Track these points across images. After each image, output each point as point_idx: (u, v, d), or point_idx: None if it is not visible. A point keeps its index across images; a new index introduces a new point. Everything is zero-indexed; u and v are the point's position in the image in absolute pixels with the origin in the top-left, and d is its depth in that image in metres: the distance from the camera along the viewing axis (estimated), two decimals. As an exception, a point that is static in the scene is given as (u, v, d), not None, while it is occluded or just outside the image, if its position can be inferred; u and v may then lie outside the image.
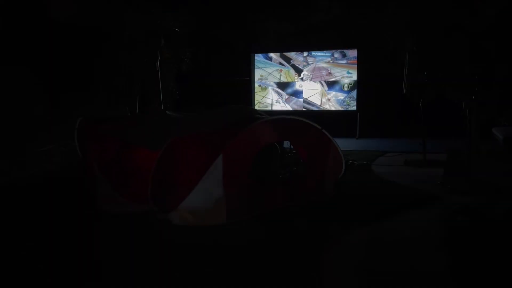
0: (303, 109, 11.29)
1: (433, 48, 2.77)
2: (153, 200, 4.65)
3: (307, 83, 11.31)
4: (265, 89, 11.78)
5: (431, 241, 3.80)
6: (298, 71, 11.41)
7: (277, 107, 11.62)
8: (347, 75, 10.93)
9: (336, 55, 11.11)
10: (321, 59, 11.21)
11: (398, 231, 4.14)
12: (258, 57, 11.97)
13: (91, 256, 3.67)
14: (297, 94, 11.43)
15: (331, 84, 11.10)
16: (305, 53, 11.48)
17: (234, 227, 4.28)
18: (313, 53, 11.44)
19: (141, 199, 4.78)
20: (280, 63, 11.66)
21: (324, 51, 11.38)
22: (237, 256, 3.60)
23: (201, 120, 4.96)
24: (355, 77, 10.86)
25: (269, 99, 11.73)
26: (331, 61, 11.11)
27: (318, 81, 11.20)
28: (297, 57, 11.50)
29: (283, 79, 11.58)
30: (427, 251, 3.64)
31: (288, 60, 11.61)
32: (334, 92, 11.07)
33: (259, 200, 4.63)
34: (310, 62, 11.31)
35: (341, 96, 11.00)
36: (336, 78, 11.03)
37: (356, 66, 10.85)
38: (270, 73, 11.74)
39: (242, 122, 4.77)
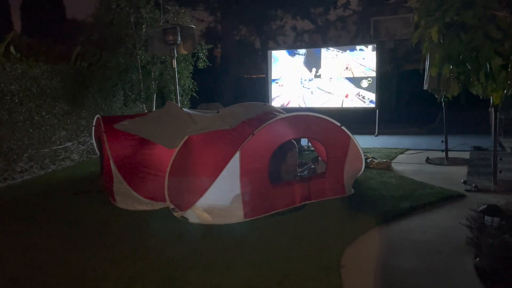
0: (321, 106, 11.12)
1: (459, 39, 2.65)
2: (169, 198, 4.62)
3: (325, 80, 11.14)
4: (282, 85, 11.65)
5: (456, 242, 3.64)
6: (316, 67, 11.24)
7: (294, 103, 11.48)
8: (366, 71, 10.72)
9: (355, 50, 10.89)
10: (340, 55, 11.01)
11: (420, 232, 3.99)
12: (276, 53, 11.80)
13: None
14: (315, 90, 11.27)
15: (349, 81, 10.90)
16: (323, 49, 11.29)
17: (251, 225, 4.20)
18: (331, 49, 11.25)
19: (157, 196, 4.76)
20: (297, 59, 11.50)
21: (342, 46, 11.18)
22: (252, 253, 3.52)
23: (217, 118, 4.87)
24: (374, 73, 10.63)
25: (286, 95, 11.60)
26: (350, 57, 10.90)
27: (337, 78, 11.02)
28: (315, 53, 11.33)
29: (301, 75, 11.42)
30: (452, 252, 3.50)
31: (306, 56, 11.45)
32: (352, 89, 10.87)
33: (277, 198, 4.53)
34: (328, 58, 11.12)
35: (360, 92, 10.79)
36: (355, 74, 10.83)
37: (375, 61, 10.62)
38: (287, 69, 11.58)
39: (259, 120, 4.67)
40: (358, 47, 10.93)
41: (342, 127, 5.03)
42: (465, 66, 2.80)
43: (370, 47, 10.75)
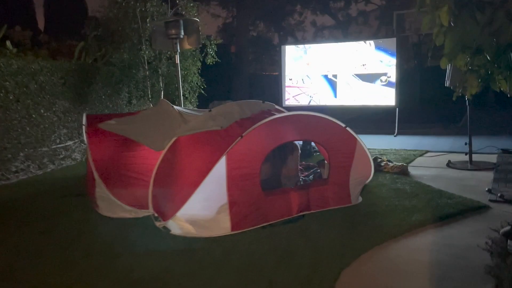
0: (336, 104, 10.53)
1: (475, 21, 2.13)
2: (153, 206, 4.21)
3: (341, 76, 10.53)
4: (296, 82, 11.10)
5: (474, 267, 3.08)
6: (333, 63, 10.64)
7: (306, 100, 10.91)
8: (385, 67, 10.06)
9: (374, 45, 10.24)
10: (357, 50, 10.38)
11: (433, 252, 3.44)
12: (290, 49, 11.25)
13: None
14: (330, 87, 10.67)
15: (367, 77, 10.26)
16: (339, 43, 10.69)
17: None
18: (348, 43, 10.63)
19: (142, 203, 4.36)
20: (313, 54, 10.92)
21: (360, 41, 10.54)
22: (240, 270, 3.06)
23: (208, 117, 4.42)
24: (394, 69, 9.96)
25: (300, 93, 11.05)
26: (368, 52, 10.26)
27: (353, 74, 10.40)
28: (330, 48, 10.73)
29: (315, 72, 10.84)
30: (468, 280, 2.94)
31: (322, 51, 10.86)
32: (370, 86, 10.23)
33: (270, 208, 4.05)
34: (346, 54, 10.50)
35: (379, 89, 10.15)
36: (373, 70, 10.18)
37: (395, 57, 9.94)
38: (301, 65, 11.02)
39: (253, 120, 4.19)
40: (377, 41, 10.28)
41: (347, 128, 4.49)
42: (483, 55, 2.26)
43: (390, 40, 10.07)
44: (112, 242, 3.78)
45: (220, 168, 3.76)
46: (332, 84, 10.64)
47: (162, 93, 9.24)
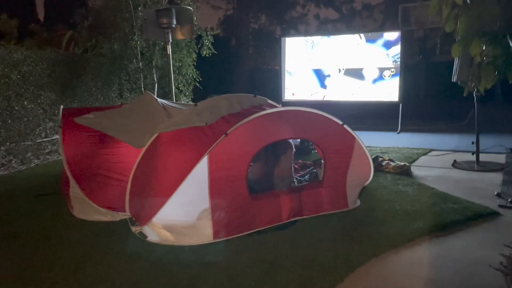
0: (338, 100, 10.10)
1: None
2: (130, 209, 3.84)
3: (343, 71, 10.10)
4: (295, 75, 10.67)
5: (488, 280, 2.71)
6: (335, 57, 10.20)
7: (306, 95, 10.49)
8: (389, 61, 9.62)
9: (376, 38, 9.80)
10: (359, 43, 9.94)
11: (435, 266, 3.06)
12: (291, 41, 10.81)
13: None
14: (333, 81, 10.25)
15: (369, 71, 9.82)
16: (344, 37, 10.23)
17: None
18: (350, 36, 10.19)
19: (119, 205, 4.00)
20: (314, 48, 10.49)
21: (363, 34, 10.09)
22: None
23: (193, 112, 4.04)
24: (397, 63, 9.52)
25: (300, 87, 10.62)
26: (370, 45, 9.81)
27: (355, 68, 9.97)
28: (334, 42, 10.29)
29: (316, 66, 10.41)
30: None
31: (323, 44, 10.43)
32: (372, 81, 9.80)
33: (258, 214, 3.67)
34: (349, 47, 10.06)
35: (381, 85, 9.71)
36: (376, 64, 9.74)
37: (399, 50, 9.50)
38: (303, 59, 10.58)
39: (242, 116, 3.80)
40: (380, 34, 9.83)
41: (345, 126, 4.10)
42: (503, 42, 1.87)
43: (393, 33, 9.62)
44: (79, 250, 3.41)
45: (201, 169, 3.38)
46: (333, 79, 10.21)
47: (156, 86, 8.86)
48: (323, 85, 10.28)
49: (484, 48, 2.15)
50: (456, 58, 5.21)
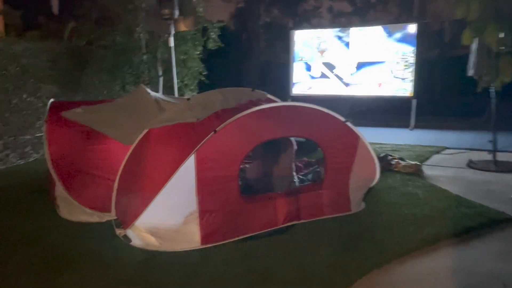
0: (349, 94, 9.72)
1: None
2: (116, 210, 3.61)
3: (355, 64, 9.71)
4: (305, 68, 10.31)
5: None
6: (345, 50, 9.82)
7: (317, 90, 10.14)
8: (402, 55, 9.19)
9: (391, 31, 9.37)
10: (373, 36, 9.53)
11: (441, 281, 2.75)
12: (301, 34, 10.45)
13: None
14: (343, 75, 9.87)
15: (382, 66, 9.41)
16: (355, 29, 9.82)
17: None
18: (363, 29, 9.78)
19: (106, 206, 3.76)
20: (324, 41, 10.11)
21: (377, 26, 9.67)
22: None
23: (185, 107, 3.79)
24: (412, 57, 9.08)
25: (310, 81, 10.27)
26: (384, 38, 9.40)
27: (367, 62, 9.57)
28: (346, 34, 9.89)
29: (326, 59, 10.04)
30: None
31: (335, 37, 10.04)
32: (386, 75, 9.39)
33: (251, 218, 3.39)
34: (360, 41, 9.67)
35: (395, 79, 9.30)
36: (389, 58, 9.33)
37: (414, 44, 9.05)
38: (313, 52, 10.22)
39: (236, 111, 3.52)
40: (395, 26, 9.41)
41: (348, 123, 3.79)
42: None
43: (409, 26, 9.19)
44: (60, 254, 3.18)
45: (188, 169, 3.12)
46: (344, 73, 9.83)
47: (161, 80, 8.62)
48: (336, 79, 9.92)
49: (502, 36, 1.83)
50: (471, 50, 4.83)
